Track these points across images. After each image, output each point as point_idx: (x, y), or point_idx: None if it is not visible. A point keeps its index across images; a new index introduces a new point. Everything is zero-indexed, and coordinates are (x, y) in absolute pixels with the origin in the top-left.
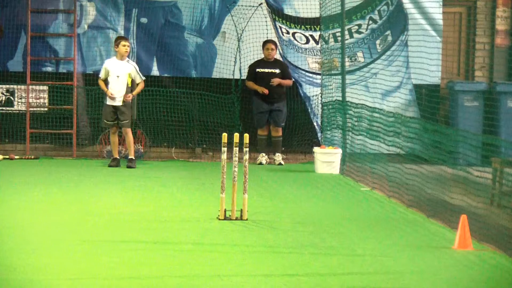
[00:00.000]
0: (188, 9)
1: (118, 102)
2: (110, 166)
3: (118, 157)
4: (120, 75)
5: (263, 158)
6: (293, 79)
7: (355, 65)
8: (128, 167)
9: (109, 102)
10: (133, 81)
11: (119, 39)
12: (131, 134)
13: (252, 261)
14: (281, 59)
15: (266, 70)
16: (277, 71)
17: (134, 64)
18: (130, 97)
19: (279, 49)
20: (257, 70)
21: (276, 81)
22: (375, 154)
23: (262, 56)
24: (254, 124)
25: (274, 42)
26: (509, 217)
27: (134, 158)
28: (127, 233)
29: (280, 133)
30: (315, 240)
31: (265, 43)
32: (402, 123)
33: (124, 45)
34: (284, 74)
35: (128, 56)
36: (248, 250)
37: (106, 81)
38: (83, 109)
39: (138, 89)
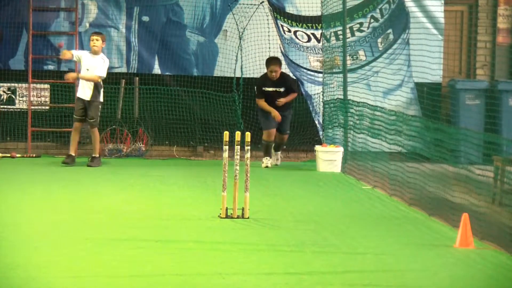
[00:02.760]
0: (189, 7)
1: (87, 97)
2: (64, 163)
3: (73, 154)
4: (90, 69)
5: (268, 161)
6: (295, 77)
7: (357, 64)
8: (88, 165)
9: (79, 94)
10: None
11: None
12: (98, 132)
13: (253, 259)
14: (288, 74)
15: (271, 89)
16: (282, 89)
17: (106, 60)
18: (72, 75)
19: (280, 47)
20: (263, 89)
21: (281, 101)
22: (376, 152)
23: (265, 61)
24: (261, 127)
25: (278, 62)
26: (511, 216)
27: (97, 156)
28: (129, 231)
29: (286, 140)
30: (316, 238)
31: (269, 64)
32: (404, 122)
33: (92, 40)
34: (289, 91)
35: (129, 54)
36: (249, 249)
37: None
38: None
39: (87, 75)
